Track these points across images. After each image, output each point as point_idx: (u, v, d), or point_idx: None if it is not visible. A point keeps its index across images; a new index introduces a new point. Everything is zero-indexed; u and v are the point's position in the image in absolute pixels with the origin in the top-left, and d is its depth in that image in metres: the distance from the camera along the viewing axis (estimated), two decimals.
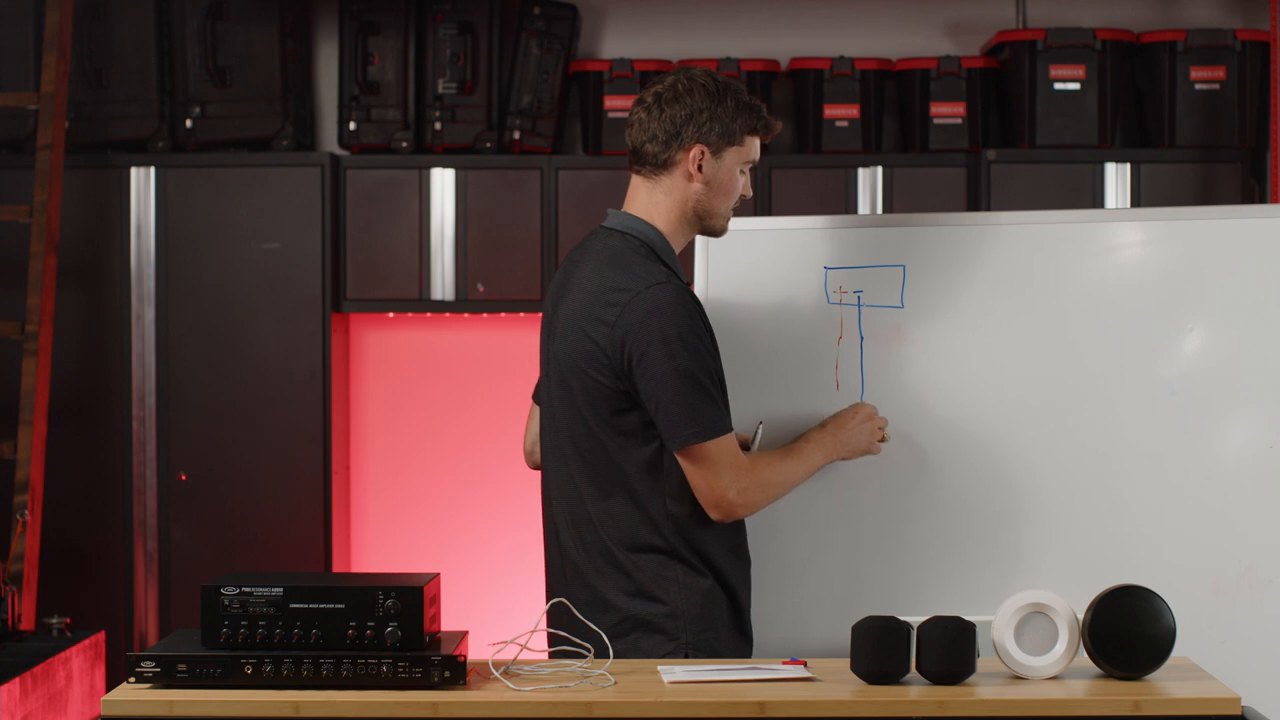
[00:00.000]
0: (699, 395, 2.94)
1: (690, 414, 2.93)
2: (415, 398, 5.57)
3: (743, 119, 3.05)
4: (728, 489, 2.97)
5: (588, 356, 2.99)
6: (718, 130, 3.04)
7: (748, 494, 3.00)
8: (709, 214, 3.08)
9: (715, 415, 2.96)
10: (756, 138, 3.09)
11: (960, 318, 3.47)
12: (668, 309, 2.94)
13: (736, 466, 2.98)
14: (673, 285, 2.97)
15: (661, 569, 3.01)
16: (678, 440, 2.95)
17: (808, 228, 3.56)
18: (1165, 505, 3.38)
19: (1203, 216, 3.51)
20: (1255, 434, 3.37)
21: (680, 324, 2.94)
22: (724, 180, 3.06)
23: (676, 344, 2.92)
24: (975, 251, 3.48)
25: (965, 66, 5.38)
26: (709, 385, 2.96)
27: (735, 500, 2.98)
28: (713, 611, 3.02)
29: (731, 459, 2.98)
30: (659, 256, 3.04)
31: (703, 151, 3.03)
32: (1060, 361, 3.44)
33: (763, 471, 3.04)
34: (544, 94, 5.41)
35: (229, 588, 2.58)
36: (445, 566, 5.31)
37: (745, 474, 2.99)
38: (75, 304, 5.26)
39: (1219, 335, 3.40)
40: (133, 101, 5.35)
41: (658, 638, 2.98)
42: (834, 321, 3.49)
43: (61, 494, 5.15)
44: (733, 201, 3.10)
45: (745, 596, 3.11)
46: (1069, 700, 2.54)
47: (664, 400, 2.93)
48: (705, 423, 2.94)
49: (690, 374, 2.93)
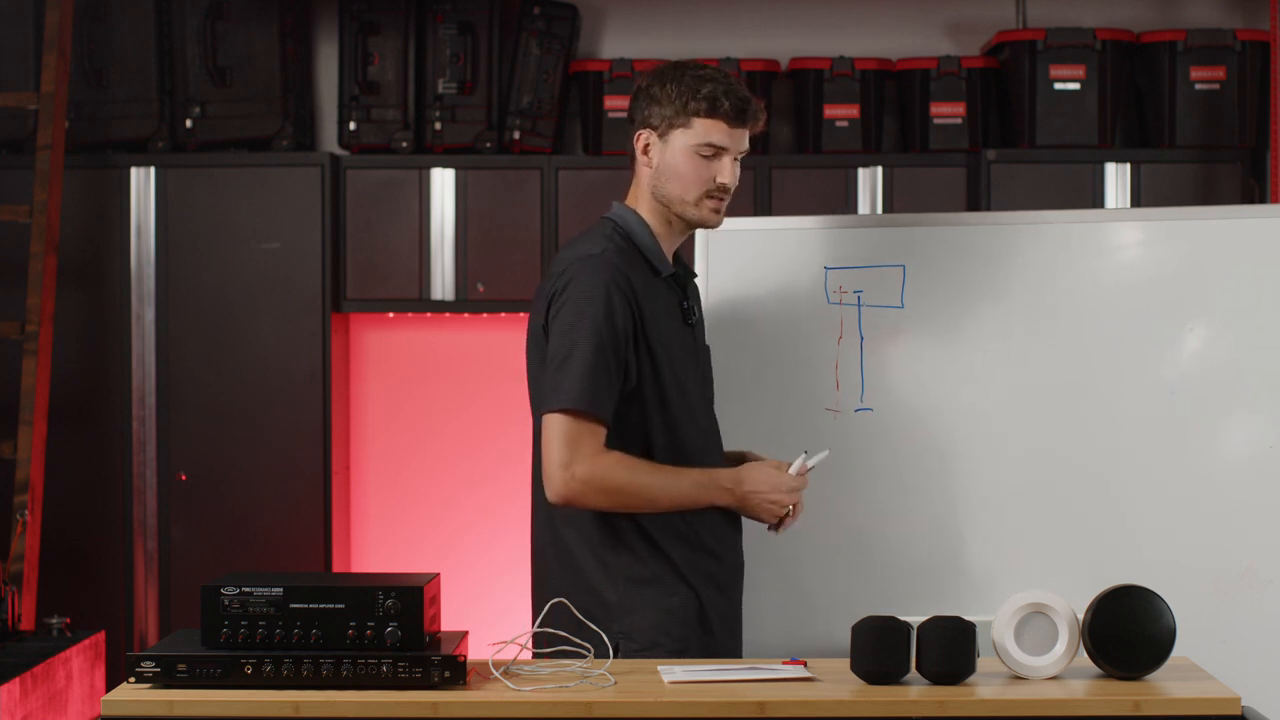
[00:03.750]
0: (568, 366, 2.91)
1: (556, 382, 2.92)
2: (415, 398, 5.57)
3: (690, 102, 3.00)
4: (559, 468, 2.90)
5: (534, 333, 3.04)
6: (659, 114, 3.02)
7: (581, 484, 2.89)
8: (666, 200, 3.04)
9: (575, 390, 2.90)
10: (713, 121, 3.00)
11: (960, 318, 3.47)
12: (581, 280, 2.94)
13: (578, 449, 2.89)
14: (596, 259, 2.96)
15: (596, 554, 3.00)
16: (543, 407, 2.94)
17: (808, 228, 3.56)
18: (1165, 505, 3.39)
19: (1203, 216, 3.51)
20: (1255, 434, 3.38)
21: (586, 296, 2.93)
22: (673, 165, 3.02)
23: (574, 314, 2.93)
24: (975, 251, 3.48)
25: (965, 66, 5.37)
26: (588, 360, 2.90)
27: (562, 483, 2.89)
28: (653, 602, 2.99)
29: (574, 438, 2.89)
30: (634, 242, 3.03)
31: (648, 136, 3.04)
32: (1060, 361, 3.44)
33: (611, 471, 2.91)
34: (544, 94, 5.41)
35: (229, 588, 2.58)
36: (445, 566, 5.30)
37: (587, 462, 2.89)
38: (75, 304, 5.26)
39: (1219, 335, 3.40)
40: (133, 101, 5.35)
41: (586, 630, 2.91)
42: (834, 321, 3.50)
43: (61, 494, 5.15)
44: (696, 188, 3.02)
45: (711, 591, 3.04)
46: (1069, 700, 2.54)
47: (550, 367, 2.94)
48: (561, 393, 2.90)
49: (569, 345, 2.92)
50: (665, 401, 3.01)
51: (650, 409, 3.00)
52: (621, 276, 2.97)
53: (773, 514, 3.01)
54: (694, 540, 3.03)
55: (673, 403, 3.01)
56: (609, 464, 2.91)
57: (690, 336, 3.10)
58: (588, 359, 2.90)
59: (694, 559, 3.03)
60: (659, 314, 3.03)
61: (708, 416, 3.12)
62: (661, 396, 3.00)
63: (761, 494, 2.97)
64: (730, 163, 3.02)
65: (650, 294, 3.02)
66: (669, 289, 3.08)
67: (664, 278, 3.07)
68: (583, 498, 2.92)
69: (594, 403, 2.90)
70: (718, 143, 3.01)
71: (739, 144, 3.04)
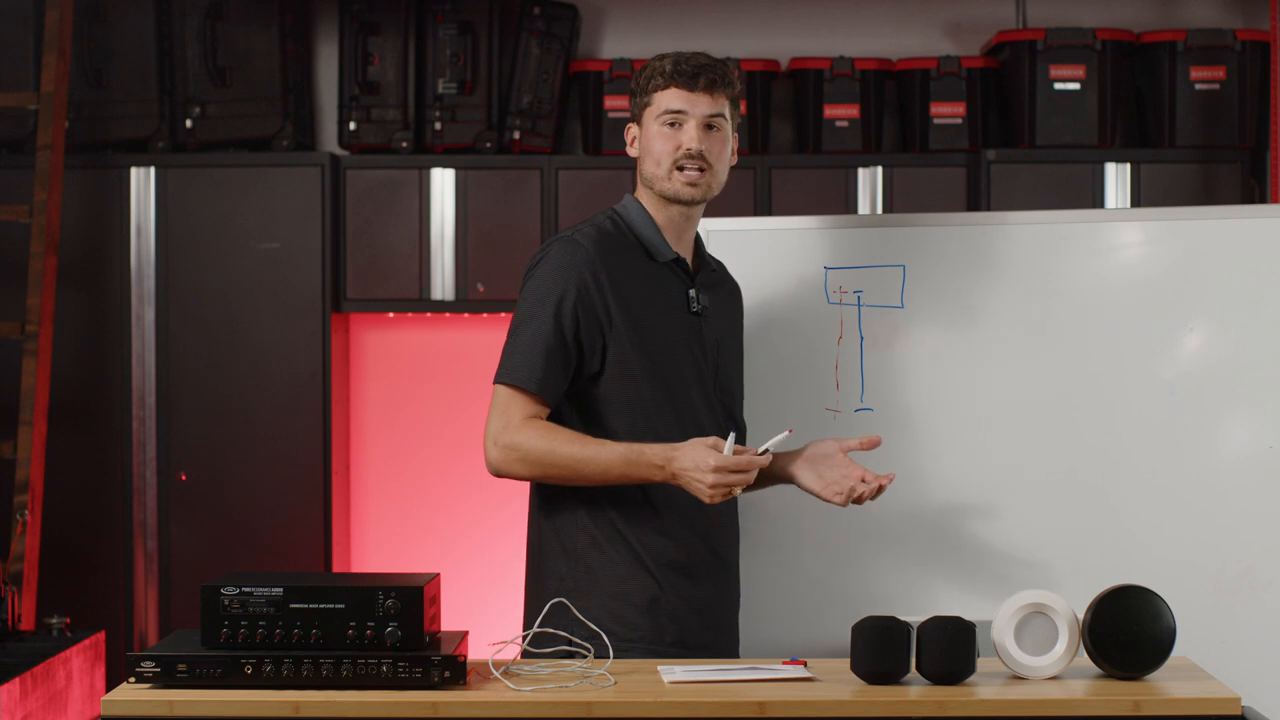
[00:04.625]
0: (515, 341, 3.00)
1: (503, 356, 3.01)
2: (415, 398, 5.57)
3: (650, 80, 3.06)
4: (488, 438, 2.98)
5: None
6: (635, 103, 3.10)
7: (503, 451, 2.95)
8: (649, 182, 3.08)
9: (512, 364, 2.98)
10: (670, 89, 3.04)
11: (960, 318, 3.47)
12: (546, 261, 3.02)
13: (509, 420, 2.96)
14: (566, 240, 3.03)
15: (560, 537, 3.03)
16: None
17: (808, 228, 3.56)
18: (1165, 505, 3.39)
19: (1203, 216, 3.51)
20: (1255, 434, 3.38)
21: (544, 275, 3.01)
22: (646, 144, 3.07)
23: (529, 292, 3.01)
24: (975, 251, 3.48)
25: (965, 66, 5.38)
26: (532, 335, 2.97)
27: (490, 452, 2.98)
28: (608, 586, 2.99)
29: (504, 409, 2.97)
30: (632, 229, 3.07)
31: (633, 129, 3.11)
32: (1060, 361, 3.44)
33: (530, 440, 2.95)
34: (544, 94, 5.41)
35: (229, 588, 2.58)
36: (445, 566, 5.30)
37: (509, 432, 2.96)
38: (75, 304, 5.26)
39: (1219, 335, 3.40)
40: (133, 101, 5.35)
41: (535, 603, 3.00)
42: (834, 321, 3.49)
43: (61, 494, 5.15)
44: (666, 160, 3.04)
45: (679, 580, 3.01)
46: (1069, 700, 2.54)
47: (505, 342, 3.04)
48: (504, 366, 3.00)
49: (520, 321, 3.01)
50: (631, 386, 3.01)
51: (614, 392, 3.01)
52: (586, 257, 3.00)
53: (706, 494, 2.88)
54: (662, 529, 3.02)
55: (640, 389, 3.01)
56: (529, 433, 2.96)
57: (694, 325, 3.08)
58: (530, 335, 2.98)
59: (658, 546, 3.01)
60: (647, 299, 3.03)
61: (708, 408, 3.08)
62: (628, 380, 3.01)
63: (689, 473, 2.89)
64: (694, 127, 3.04)
65: (636, 278, 3.04)
66: (672, 276, 3.08)
67: (665, 264, 3.07)
68: (508, 465, 2.98)
69: (528, 378, 2.96)
70: (675, 107, 3.04)
71: (699, 108, 3.04)
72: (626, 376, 3.01)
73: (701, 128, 3.04)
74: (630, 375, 3.01)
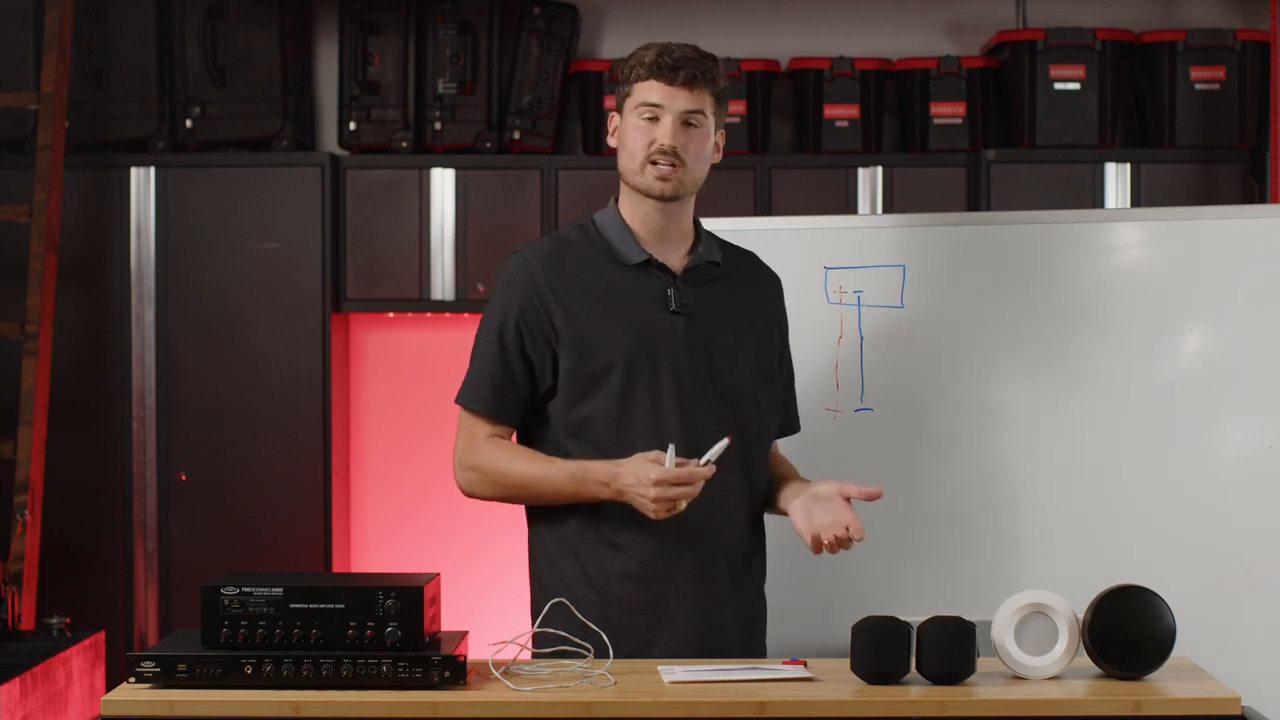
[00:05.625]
0: (473, 361, 3.04)
1: (465, 378, 3.05)
2: (415, 398, 5.57)
3: (632, 70, 3.01)
4: (455, 461, 3.03)
5: None
6: (618, 95, 3.06)
7: (466, 474, 3.01)
8: (623, 175, 3.03)
9: (466, 386, 3.03)
10: (649, 81, 2.98)
11: (960, 318, 3.47)
12: (498, 278, 3.05)
13: (470, 442, 3.01)
14: (515, 255, 3.05)
15: (534, 553, 3.06)
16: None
17: (808, 228, 3.56)
18: (1165, 505, 3.39)
19: (1203, 216, 3.51)
20: (1255, 434, 3.38)
21: (495, 294, 3.05)
22: (623, 136, 3.04)
23: (486, 311, 3.05)
24: (975, 251, 3.48)
25: (965, 66, 5.38)
26: (483, 353, 3.02)
27: (457, 474, 3.02)
28: (558, 597, 2.94)
29: (467, 431, 3.03)
30: (602, 233, 3.04)
31: (615, 120, 3.07)
32: (1060, 361, 3.44)
33: (487, 460, 2.99)
34: (544, 94, 5.41)
35: (229, 588, 2.58)
36: (445, 566, 5.30)
37: (467, 452, 3.01)
38: (75, 304, 5.26)
39: (1219, 335, 3.40)
40: (133, 101, 5.35)
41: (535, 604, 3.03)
42: (834, 321, 3.50)
43: (61, 494, 5.15)
44: (639, 154, 2.98)
45: (624, 588, 2.96)
46: (1069, 700, 2.54)
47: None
48: (461, 388, 3.05)
49: (477, 339, 3.05)
50: (589, 399, 2.96)
51: (572, 406, 2.98)
52: (530, 273, 2.99)
53: (650, 509, 2.84)
54: (609, 539, 2.98)
55: (603, 401, 2.96)
56: (489, 453, 2.99)
57: (673, 324, 3.00)
58: (478, 356, 3.03)
59: (603, 559, 2.98)
60: (608, 305, 2.97)
61: (707, 410, 2.99)
62: (583, 394, 2.96)
63: (632, 489, 2.86)
64: (670, 123, 2.97)
65: (592, 285, 2.99)
66: (646, 277, 3.01)
67: (637, 266, 3.00)
68: (471, 486, 3.02)
69: (477, 399, 3.01)
70: (652, 100, 2.97)
71: (676, 103, 2.96)
72: (578, 391, 2.97)
73: (678, 124, 2.97)
74: (582, 389, 2.97)
